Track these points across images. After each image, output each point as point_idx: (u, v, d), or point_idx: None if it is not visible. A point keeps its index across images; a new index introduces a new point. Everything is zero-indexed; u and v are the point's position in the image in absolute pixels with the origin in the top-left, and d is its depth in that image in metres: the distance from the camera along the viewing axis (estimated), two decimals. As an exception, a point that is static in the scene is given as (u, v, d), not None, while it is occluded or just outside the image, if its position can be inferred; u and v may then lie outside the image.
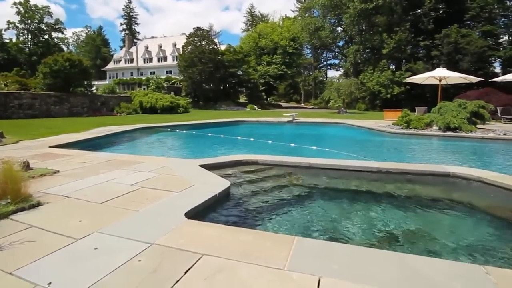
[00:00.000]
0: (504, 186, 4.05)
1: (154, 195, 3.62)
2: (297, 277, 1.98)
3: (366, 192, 4.50)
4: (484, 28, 29.44)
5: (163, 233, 2.60)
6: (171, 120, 16.68)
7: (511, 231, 3.30)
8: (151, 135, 12.05)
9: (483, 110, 11.08)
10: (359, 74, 35.41)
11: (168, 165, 5.27)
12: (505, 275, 2.03)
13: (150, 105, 24.08)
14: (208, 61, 32.68)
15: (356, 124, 14.47)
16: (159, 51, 57.19)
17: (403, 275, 1.98)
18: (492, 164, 7.11)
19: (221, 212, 3.71)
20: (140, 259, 2.20)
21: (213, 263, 2.15)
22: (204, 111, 27.79)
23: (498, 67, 31.41)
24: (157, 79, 34.82)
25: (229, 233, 2.69)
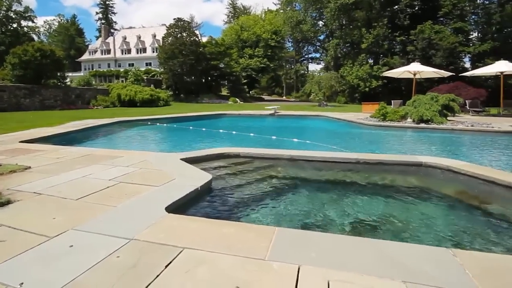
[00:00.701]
0: (470, 174, 4.34)
1: (133, 190, 3.53)
2: (278, 267, 2.02)
3: (345, 182, 4.64)
4: (455, 25, 30.84)
5: (142, 228, 2.55)
6: (151, 113, 16.25)
7: (475, 214, 3.54)
8: (130, 129, 11.70)
9: (453, 103, 11.69)
10: (339, 68, 36.05)
11: (148, 159, 5.15)
12: (470, 256, 2.17)
13: (129, 98, 23.31)
14: (189, 53, 31.94)
15: (336, 117, 14.79)
16: (138, 42, 55.14)
17: (378, 260, 2.08)
18: (460, 153, 7.55)
19: (203, 205, 3.69)
20: (119, 255, 2.15)
21: (195, 256, 2.14)
22: (186, 104, 27.28)
23: (468, 62, 33.18)
24: (136, 71, 33.62)
25: (211, 226, 2.69)
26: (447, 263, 2.03)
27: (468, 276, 1.89)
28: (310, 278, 1.89)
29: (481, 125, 10.65)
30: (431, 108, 11.21)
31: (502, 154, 7.57)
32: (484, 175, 4.17)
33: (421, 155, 5.96)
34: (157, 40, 49.75)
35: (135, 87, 25.31)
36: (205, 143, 8.92)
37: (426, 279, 1.85)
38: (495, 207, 3.67)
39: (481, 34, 32.92)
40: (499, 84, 17.50)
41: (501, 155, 7.43)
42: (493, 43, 29.62)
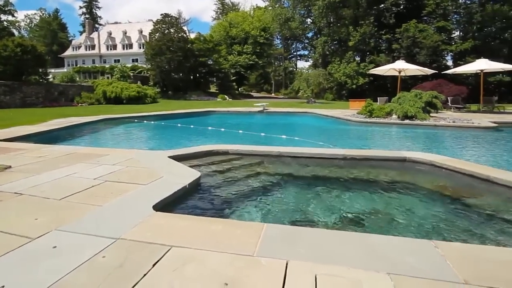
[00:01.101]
0: (451, 168, 4.51)
1: (119, 189, 3.47)
2: (266, 262, 2.03)
3: (332, 178, 4.71)
4: (438, 23, 31.75)
5: (129, 227, 2.51)
6: (138, 110, 15.96)
7: (456, 206, 3.68)
8: (116, 127, 11.45)
9: (436, 100, 12.04)
10: (327, 65, 36.40)
11: (135, 157, 5.06)
12: (451, 247, 2.26)
13: (115, 95, 22.77)
14: (177, 50, 31.46)
15: (324, 114, 14.95)
16: (124, 38, 53.79)
17: (364, 253, 2.13)
18: (442, 148, 7.81)
19: (191, 203, 3.66)
20: (105, 255, 2.11)
21: (183, 254, 2.13)
22: (174, 101, 26.90)
23: (450, 60, 34.25)
24: (122, 67, 32.85)
25: (199, 223, 2.68)
26: (429, 254, 2.10)
27: (448, 266, 1.96)
28: (298, 272, 1.91)
29: (462, 121, 11.02)
30: (415, 105, 11.51)
31: (481, 148, 7.89)
32: (464, 169, 4.34)
33: (406, 150, 6.12)
34: (144, 36, 48.66)
35: (122, 83, 24.74)
36: (193, 140, 8.84)
37: (410, 270, 1.91)
38: (473, 199, 3.83)
39: (462, 33, 33.99)
40: (479, 81, 18.13)
41: (480, 150, 7.75)
42: (474, 42, 30.63)
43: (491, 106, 16.45)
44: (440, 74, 20.42)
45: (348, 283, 1.80)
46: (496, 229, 3.03)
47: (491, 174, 4.00)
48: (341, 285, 1.78)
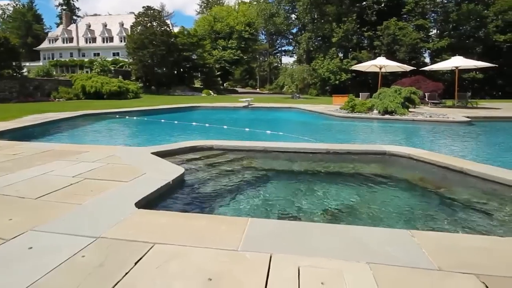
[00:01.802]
0: (428, 161, 4.72)
1: (100, 186, 3.37)
2: (250, 256, 2.05)
3: (316, 172, 4.80)
4: (417, 22, 32.82)
5: (110, 225, 2.45)
6: (119, 106, 15.50)
7: (432, 197, 3.86)
8: (96, 123, 11.08)
9: (414, 95, 12.50)
10: (311, 61, 36.74)
11: (116, 153, 4.93)
12: (426, 236, 2.37)
13: (95, 89, 21.98)
14: (160, 44, 30.66)
15: (308, 109, 15.14)
16: (104, 31, 51.78)
17: (346, 245, 2.19)
18: (420, 142, 8.15)
19: (175, 199, 3.62)
20: (84, 254, 2.05)
21: (166, 251, 2.10)
22: (157, 97, 26.32)
23: (427, 57, 35.51)
24: (103, 61, 31.64)
25: (182, 219, 2.65)
26: (406, 243, 2.19)
27: (424, 254, 2.05)
28: (282, 265, 1.94)
29: (438, 116, 11.51)
30: (394, 100, 11.88)
31: (455, 141, 8.32)
32: (439, 162, 4.54)
33: (385, 144, 6.32)
34: (125, 29, 47.06)
35: (102, 78, 23.90)
36: (177, 136, 8.70)
37: (388, 259, 1.99)
38: (447, 190, 4.03)
39: (439, 31, 35.28)
40: (454, 78, 18.93)
41: (454, 143, 8.17)
42: (449, 40, 31.89)
43: (465, 102, 17.22)
44: (418, 71, 21.18)
45: (330, 273, 1.85)
46: (467, 217, 3.21)
47: (464, 166, 4.21)
48: (323, 276, 1.82)
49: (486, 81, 31.60)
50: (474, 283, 1.76)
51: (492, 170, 4.04)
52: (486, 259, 2.01)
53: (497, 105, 18.01)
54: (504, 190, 3.62)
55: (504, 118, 12.28)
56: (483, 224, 3.04)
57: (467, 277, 1.81)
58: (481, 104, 18.28)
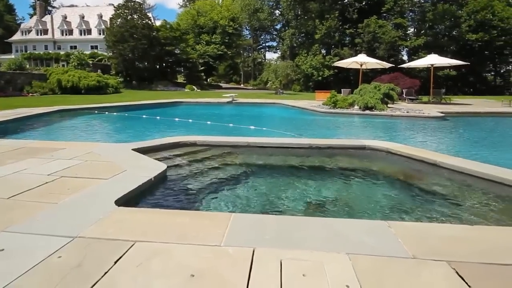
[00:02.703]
0: (405, 155, 4.92)
1: (77, 185, 3.26)
2: (233, 251, 2.06)
3: (299, 166, 4.88)
4: (396, 20, 33.90)
5: (88, 224, 2.38)
6: (98, 101, 14.95)
7: (407, 188, 4.06)
8: (74, 119, 10.65)
9: (392, 92, 12.95)
10: (295, 57, 37.00)
11: (95, 150, 4.77)
12: (402, 226, 2.49)
13: (72, 84, 21.06)
14: (141, 37, 29.70)
15: (291, 104, 15.29)
16: (81, 23, 49.45)
17: (326, 237, 2.25)
18: (397, 136, 8.48)
19: (157, 196, 3.57)
20: (60, 255, 1.98)
21: (147, 249, 2.07)
22: (138, 92, 25.59)
23: (405, 55, 36.69)
24: (80, 54, 30.26)
25: (165, 216, 2.62)
26: (383, 234, 2.29)
27: (400, 243, 2.15)
28: (264, 259, 1.96)
29: (414, 111, 11.99)
30: (374, 96, 12.24)
31: (430, 136, 8.72)
32: (415, 155, 4.76)
33: (365, 139, 6.51)
34: (104, 21, 45.20)
35: (79, 72, 22.92)
36: (159, 132, 8.52)
37: (366, 249, 2.06)
38: (421, 182, 4.26)
39: (416, 30, 36.56)
40: (430, 75, 19.71)
41: (429, 137, 8.58)
42: (426, 39, 33.13)
43: (440, 98, 18.01)
44: (396, 68, 21.91)
45: (311, 265, 1.89)
46: (439, 206, 3.39)
47: (438, 159, 4.44)
48: (304, 268, 1.87)
49: (459, 78, 33.15)
50: (446, 269, 1.86)
51: (462, 162, 4.29)
52: (456, 247, 2.13)
53: (468, 101, 18.96)
54: (472, 181, 3.86)
55: (475, 113, 13.04)
56: (453, 212, 3.22)
57: (439, 264, 1.91)
58: (454, 100, 19.19)
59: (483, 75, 35.70)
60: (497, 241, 2.24)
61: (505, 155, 6.37)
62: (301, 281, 1.75)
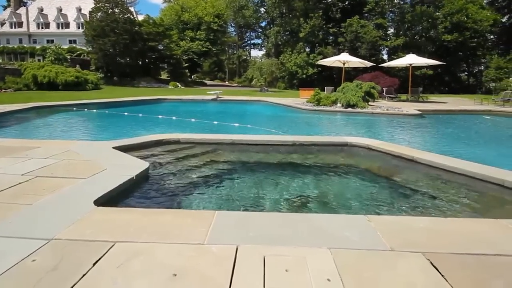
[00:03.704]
0: (385, 151, 5.09)
1: (54, 185, 3.13)
2: (216, 249, 2.05)
3: (283, 163, 4.94)
4: (377, 20, 34.88)
5: (65, 225, 2.29)
6: (77, 97, 14.41)
7: (386, 183, 4.23)
8: (50, 116, 10.21)
9: (373, 90, 13.32)
10: (279, 55, 37.16)
11: (73, 149, 4.59)
12: (381, 220, 2.57)
13: (48, 79, 20.12)
14: (122, 32, 28.75)
15: (276, 102, 15.38)
16: (59, 16, 47.26)
17: (309, 232, 2.28)
18: (378, 133, 8.77)
19: (139, 195, 3.49)
20: (35, 258, 1.90)
21: (128, 249, 2.02)
22: (120, 88, 24.84)
23: (385, 54, 37.77)
24: (57, 49, 28.94)
25: (146, 216, 2.57)
26: (363, 228, 2.36)
27: (379, 236, 2.22)
28: (248, 256, 1.97)
29: (394, 109, 12.42)
30: (356, 94, 12.53)
31: (408, 132, 9.15)
32: (394, 151, 4.94)
33: (347, 136, 6.67)
34: (84, 14, 43.41)
35: (56, 67, 21.93)
36: (142, 130, 8.33)
37: (347, 243, 2.12)
38: (399, 176, 4.44)
39: (396, 31, 37.67)
40: (409, 74, 20.41)
41: (407, 133, 8.98)
42: (404, 39, 34.25)
43: (417, 96, 18.72)
44: (377, 67, 22.56)
45: (294, 260, 1.92)
46: (415, 199, 3.54)
47: (415, 155, 4.62)
48: (287, 263, 1.89)
49: (435, 78, 34.51)
50: (421, 260, 1.94)
51: (437, 158, 4.49)
52: (431, 239, 2.22)
53: (444, 100, 19.81)
54: (446, 175, 4.05)
55: (449, 111, 13.69)
56: (428, 204, 3.38)
57: (415, 255, 1.99)
58: (431, 98, 20.01)
59: (458, 74, 37.33)
60: (468, 233, 2.36)
61: (474, 149, 6.78)
62: (284, 277, 1.77)
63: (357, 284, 1.71)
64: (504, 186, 3.48)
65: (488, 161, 4.25)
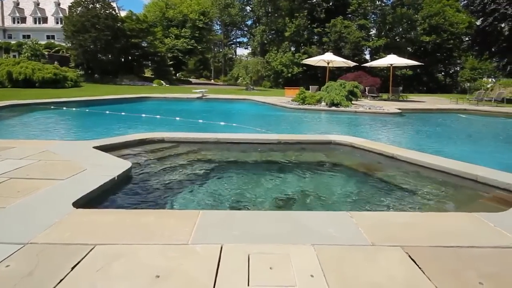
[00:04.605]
0: (367, 149, 5.22)
1: (29, 186, 3.00)
2: (201, 249, 2.04)
3: (268, 161, 4.98)
4: (360, 21, 35.75)
5: (42, 229, 2.21)
6: (55, 95, 13.85)
7: (368, 179, 4.35)
8: (26, 115, 9.77)
9: (356, 89, 13.62)
10: (265, 53, 37.27)
11: (51, 149, 4.42)
12: (362, 216, 2.64)
13: (25, 76, 19.23)
14: (104, 28, 27.80)
15: (261, 101, 15.42)
16: (36, 10, 45.17)
17: (293, 230, 2.31)
18: (360, 131, 8.99)
19: (121, 196, 3.42)
20: (9, 264, 1.82)
21: (109, 252, 1.97)
22: (101, 86, 24.08)
23: (368, 54, 38.72)
24: (34, 44, 27.67)
25: (128, 217, 2.51)
26: (345, 224, 2.41)
27: (360, 232, 2.28)
28: (232, 255, 1.97)
29: (376, 108, 12.76)
30: (340, 93, 12.77)
31: (389, 130, 9.48)
32: (375, 149, 5.08)
33: (331, 134, 6.81)
34: (62, 9, 41.71)
35: (33, 63, 20.98)
36: (125, 129, 8.12)
37: (330, 239, 2.16)
38: (381, 173, 4.58)
39: (378, 31, 38.67)
40: (389, 74, 21.01)
41: (388, 131, 9.31)
42: (386, 40, 35.26)
43: (397, 95, 19.36)
44: (360, 67, 23.12)
45: (278, 258, 1.94)
46: (395, 195, 3.68)
47: (395, 152, 4.77)
48: (271, 261, 1.90)
49: (415, 78, 35.75)
50: (400, 254, 2.01)
51: (416, 155, 4.66)
52: (409, 233, 2.31)
53: (422, 99, 20.58)
54: (425, 172, 4.22)
55: (427, 110, 14.25)
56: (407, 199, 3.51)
57: (394, 249, 2.06)
58: (410, 97, 20.73)
59: (435, 75, 38.78)
60: (444, 226, 2.46)
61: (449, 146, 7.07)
62: (268, 274, 1.78)
63: (339, 279, 1.75)
64: (477, 181, 3.66)
65: (462, 157, 4.47)
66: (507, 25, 16.93)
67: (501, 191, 3.41)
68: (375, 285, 1.71)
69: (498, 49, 19.19)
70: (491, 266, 1.91)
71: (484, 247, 2.11)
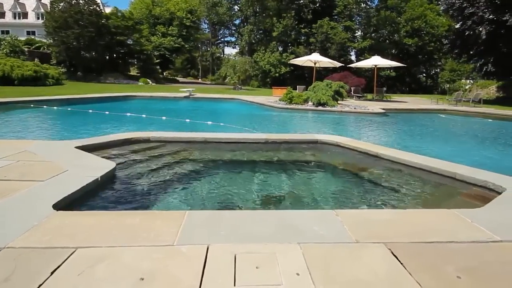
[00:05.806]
0: (352, 148, 5.33)
1: (6, 188, 2.87)
2: (186, 250, 2.02)
3: (255, 161, 5.00)
4: (346, 23, 36.59)
5: (19, 232, 2.12)
6: (35, 93, 13.33)
7: (353, 178, 4.46)
8: (4, 114, 9.37)
9: (342, 89, 13.88)
10: (253, 53, 37.33)
11: (30, 149, 4.25)
12: (348, 214, 2.69)
13: (3, 73, 18.39)
14: (88, 24, 26.96)
15: (249, 100, 15.43)
16: (16, 5, 43.34)
17: (279, 228, 2.33)
18: (346, 130, 9.18)
19: (105, 197, 3.34)
20: (-17, 268, 1.74)
21: (91, 255, 1.92)
22: (84, 84, 23.40)
23: (353, 55, 39.49)
24: (13, 40, 26.52)
25: (112, 218, 2.45)
26: (331, 222, 2.45)
27: (345, 229, 2.32)
28: (218, 255, 1.96)
29: (361, 107, 13.03)
30: (326, 93, 12.96)
31: (373, 129, 9.71)
32: (360, 148, 5.20)
33: (318, 133, 6.90)
34: (44, 4, 40.23)
35: (12, 60, 20.13)
36: (109, 128, 7.92)
37: (316, 238, 2.19)
38: (365, 171, 4.70)
39: (363, 33, 39.58)
40: (374, 74, 21.53)
41: (373, 130, 9.55)
42: (370, 41, 36.11)
43: (381, 96, 19.88)
44: (346, 67, 23.60)
45: (265, 257, 1.95)
46: (379, 192, 3.78)
47: (379, 151, 4.90)
48: (258, 260, 1.91)
49: (398, 78, 36.82)
50: (382, 250, 2.07)
51: (399, 154, 4.81)
52: (391, 229, 2.38)
53: (405, 99, 21.21)
54: (407, 170, 4.34)
55: (410, 110, 14.70)
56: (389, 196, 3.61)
57: (377, 245, 2.12)
58: (393, 98, 21.34)
59: (417, 76, 40.03)
60: (424, 222, 2.55)
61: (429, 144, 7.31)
62: (254, 273, 1.79)
63: (324, 276, 1.78)
64: (455, 178, 3.81)
65: (441, 155, 4.63)
66: (484, 29, 17.60)
67: (478, 188, 3.55)
68: (359, 282, 1.75)
69: (476, 52, 19.96)
70: (468, 261, 1.98)
71: (462, 242, 2.20)
